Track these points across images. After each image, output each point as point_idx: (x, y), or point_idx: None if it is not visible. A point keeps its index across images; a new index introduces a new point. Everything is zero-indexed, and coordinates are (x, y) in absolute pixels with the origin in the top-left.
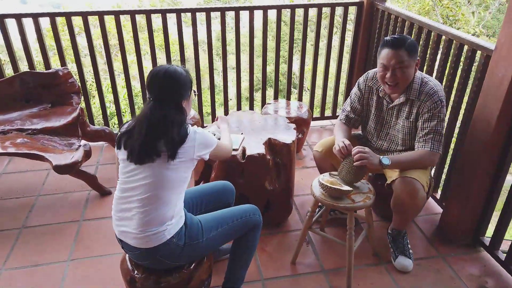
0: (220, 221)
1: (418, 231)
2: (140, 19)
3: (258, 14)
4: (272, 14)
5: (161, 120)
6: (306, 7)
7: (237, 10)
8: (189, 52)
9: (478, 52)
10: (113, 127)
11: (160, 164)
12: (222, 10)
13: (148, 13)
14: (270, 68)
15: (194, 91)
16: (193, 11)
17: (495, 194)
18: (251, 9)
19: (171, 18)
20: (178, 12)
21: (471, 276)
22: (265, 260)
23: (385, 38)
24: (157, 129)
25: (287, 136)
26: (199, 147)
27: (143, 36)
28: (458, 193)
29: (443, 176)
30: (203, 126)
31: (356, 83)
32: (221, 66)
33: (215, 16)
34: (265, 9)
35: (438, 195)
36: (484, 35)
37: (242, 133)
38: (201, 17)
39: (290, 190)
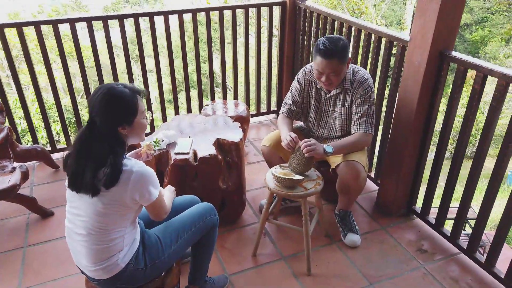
0: (179, 231)
1: (360, 208)
2: (48, 28)
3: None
4: (194, 16)
5: (88, 149)
6: (233, 8)
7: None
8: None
9: (394, 43)
10: (27, 144)
11: (92, 200)
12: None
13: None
14: (193, 68)
15: (148, 114)
16: (120, 17)
17: (420, 169)
18: (180, 13)
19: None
20: (105, 19)
21: (410, 242)
22: (227, 257)
23: (319, 43)
24: (84, 158)
25: (234, 134)
26: (133, 192)
27: (49, 44)
28: (390, 172)
29: (375, 157)
30: None
31: (296, 78)
32: (137, 70)
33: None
34: (194, 12)
35: (372, 174)
36: (383, 25)
37: (190, 137)
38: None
39: (242, 187)
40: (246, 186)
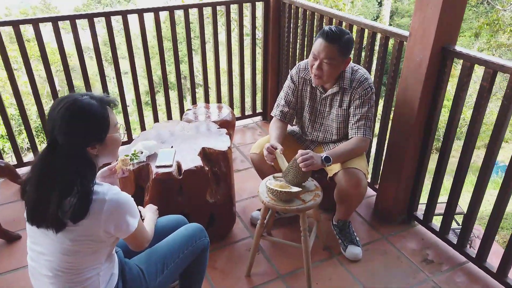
0: (165, 260)
1: (358, 216)
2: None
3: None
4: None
5: (50, 175)
6: (214, 5)
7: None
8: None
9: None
10: None
11: (56, 237)
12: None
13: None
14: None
15: (121, 126)
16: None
17: (422, 172)
18: (156, 11)
19: (47, 26)
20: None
21: (414, 251)
22: (218, 278)
23: (325, 27)
24: (46, 186)
25: (221, 142)
26: (107, 224)
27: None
28: (390, 176)
29: (371, 161)
30: None
31: (289, 76)
32: (112, 72)
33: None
34: (171, 9)
35: (368, 179)
36: None
37: (172, 147)
38: (82, 22)
39: (232, 199)
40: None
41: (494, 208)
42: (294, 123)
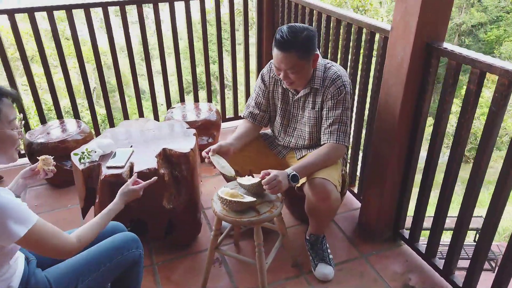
0: (79, 274)
1: (338, 230)
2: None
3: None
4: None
5: None
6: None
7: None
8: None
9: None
10: None
11: None
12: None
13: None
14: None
15: (20, 123)
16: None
17: (408, 183)
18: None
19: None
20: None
21: (395, 275)
22: None
23: (277, 31)
24: None
25: (185, 144)
26: None
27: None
28: (374, 185)
29: (359, 169)
30: None
31: (260, 75)
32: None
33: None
34: (151, 3)
35: (355, 189)
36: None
37: (131, 146)
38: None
39: (195, 205)
40: (207, 203)
41: (481, 235)
42: (268, 126)
